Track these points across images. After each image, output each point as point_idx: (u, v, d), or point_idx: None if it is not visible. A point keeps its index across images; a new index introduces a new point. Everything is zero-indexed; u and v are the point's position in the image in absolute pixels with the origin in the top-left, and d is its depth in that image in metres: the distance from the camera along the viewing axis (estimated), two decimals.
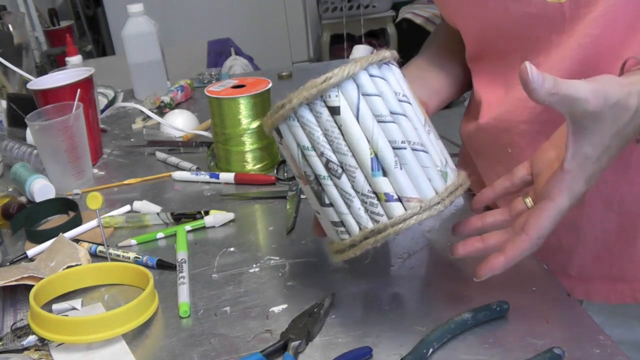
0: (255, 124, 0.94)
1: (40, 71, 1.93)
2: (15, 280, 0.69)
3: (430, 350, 0.55)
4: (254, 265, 0.73)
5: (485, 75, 0.72)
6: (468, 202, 0.76)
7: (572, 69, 0.61)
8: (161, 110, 1.27)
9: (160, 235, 0.81)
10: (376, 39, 3.39)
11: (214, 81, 1.45)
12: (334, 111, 0.54)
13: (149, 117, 1.21)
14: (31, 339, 0.63)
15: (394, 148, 0.54)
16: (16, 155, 1.05)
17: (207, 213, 0.84)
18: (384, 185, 0.54)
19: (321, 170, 0.55)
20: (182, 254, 0.75)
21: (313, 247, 0.75)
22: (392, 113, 0.54)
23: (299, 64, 3.04)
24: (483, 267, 0.55)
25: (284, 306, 0.65)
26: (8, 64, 1.24)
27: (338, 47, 3.35)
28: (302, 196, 0.87)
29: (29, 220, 0.88)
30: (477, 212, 0.63)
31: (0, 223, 0.89)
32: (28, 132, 1.10)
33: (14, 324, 0.67)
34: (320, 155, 0.55)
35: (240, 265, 0.74)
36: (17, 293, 0.72)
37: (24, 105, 1.11)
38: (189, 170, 0.99)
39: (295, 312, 0.63)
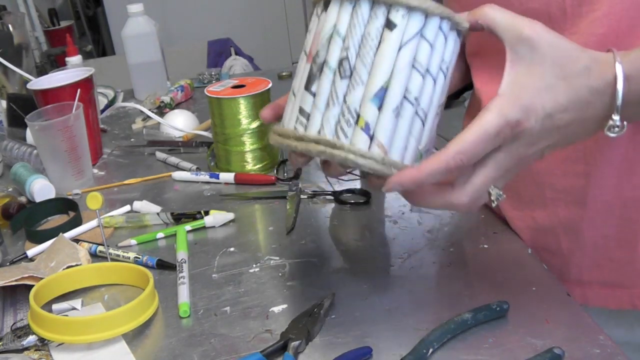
0: (255, 124, 0.94)
1: (40, 71, 1.93)
2: (15, 280, 0.69)
3: (430, 350, 0.55)
4: (254, 265, 0.73)
5: (484, 71, 0.72)
6: None
7: None
8: (161, 110, 1.27)
9: (160, 235, 0.81)
10: None
11: (214, 81, 1.45)
12: (389, 25, 0.51)
13: (149, 117, 1.21)
14: (31, 339, 0.63)
15: (404, 97, 0.52)
16: (16, 155, 1.05)
17: (207, 213, 0.84)
18: (371, 115, 0.52)
19: (333, 61, 0.53)
20: (182, 254, 0.75)
21: (313, 247, 0.75)
22: (427, 69, 0.53)
23: None
24: (393, 176, 0.51)
25: (284, 306, 0.65)
26: (8, 64, 1.24)
27: None
28: (302, 196, 0.87)
29: (29, 220, 0.88)
30: None
31: (0, 223, 0.89)
32: (28, 132, 1.10)
33: (14, 324, 0.67)
34: (345, 48, 0.52)
35: (240, 265, 0.74)
36: (17, 293, 0.72)
37: (24, 105, 1.11)
38: (189, 170, 0.99)
39: (295, 312, 0.63)
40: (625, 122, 0.51)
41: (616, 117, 0.50)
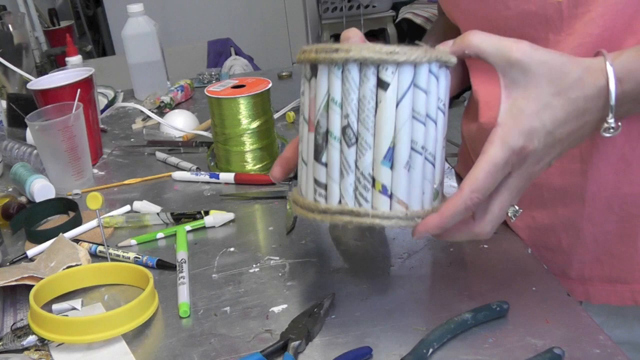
0: (255, 124, 0.94)
1: (40, 71, 1.93)
2: (15, 280, 0.69)
3: (430, 350, 0.55)
4: (254, 265, 0.73)
5: (482, 72, 0.72)
6: None
7: None
8: (161, 110, 1.27)
9: (160, 235, 0.81)
10: (376, 39, 3.40)
11: (214, 81, 1.45)
12: (382, 85, 0.51)
13: (149, 117, 1.21)
14: (31, 339, 0.63)
15: (412, 148, 0.53)
16: (16, 155, 1.05)
17: (207, 213, 0.84)
18: (385, 176, 0.53)
19: (336, 130, 0.53)
20: (182, 254, 0.75)
21: (313, 247, 0.75)
22: (427, 115, 0.53)
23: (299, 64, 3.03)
24: (419, 225, 0.54)
25: (284, 306, 0.65)
26: (8, 64, 1.24)
27: None
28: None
29: (29, 220, 0.88)
30: None
31: (0, 223, 0.89)
32: (28, 132, 1.10)
33: (14, 324, 0.67)
34: (345, 116, 0.53)
35: (240, 265, 0.74)
36: (17, 293, 0.72)
37: (24, 105, 1.11)
38: (189, 170, 0.99)
39: (295, 312, 0.63)
40: (619, 123, 0.52)
41: (611, 120, 0.52)
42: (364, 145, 0.53)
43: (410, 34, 3.27)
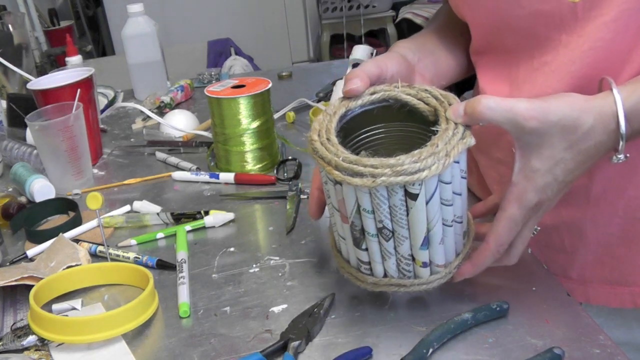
0: (255, 124, 0.94)
1: (40, 71, 1.93)
2: (15, 280, 0.69)
3: (430, 350, 0.55)
4: (254, 265, 0.73)
5: (490, 70, 0.72)
6: None
7: (582, 71, 0.61)
8: (161, 110, 1.27)
9: (160, 235, 0.81)
10: (376, 39, 3.39)
11: (214, 81, 1.45)
12: (411, 197, 0.53)
13: (149, 117, 1.21)
14: (31, 339, 0.63)
15: (443, 225, 0.56)
16: (16, 155, 1.05)
17: (207, 213, 0.84)
18: (424, 256, 0.57)
19: (372, 230, 0.56)
20: (182, 254, 0.75)
21: (313, 247, 0.75)
22: (452, 195, 0.55)
23: (299, 64, 3.04)
24: (456, 274, 0.60)
25: (284, 306, 0.65)
26: (8, 64, 1.24)
27: (338, 47, 3.34)
28: (302, 196, 0.87)
29: (29, 220, 0.88)
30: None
31: (0, 223, 0.89)
32: (28, 132, 1.10)
33: (14, 324, 0.67)
34: (379, 221, 0.55)
35: (240, 265, 0.74)
36: (17, 293, 0.72)
37: (24, 105, 1.11)
38: (189, 170, 0.99)
39: (295, 312, 0.63)
40: (627, 154, 0.55)
41: (620, 155, 0.54)
42: (400, 238, 0.56)
43: (410, 34, 3.24)
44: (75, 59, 1.37)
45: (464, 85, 0.88)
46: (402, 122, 0.61)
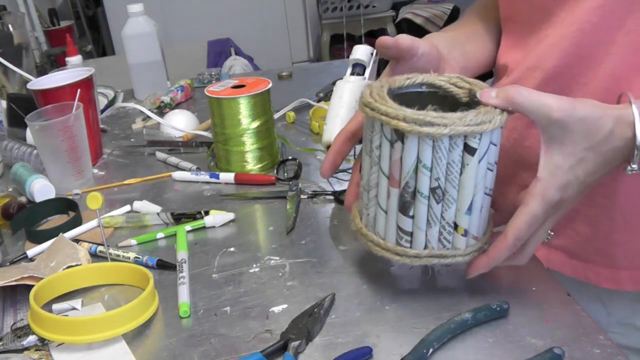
0: (255, 124, 0.94)
1: (40, 71, 1.93)
2: (15, 280, 0.69)
3: (430, 350, 0.55)
4: (254, 265, 0.73)
5: (511, 35, 0.76)
6: None
7: (570, 49, 0.65)
8: (161, 110, 1.27)
9: (160, 235, 0.81)
10: (376, 39, 3.39)
11: (214, 81, 1.45)
12: (469, 151, 0.55)
13: (149, 117, 1.21)
14: (31, 339, 0.63)
15: (484, 193, 0.58)
16: (16, 155, 1.05)
17: (207, 213, 0.84)
18: (466, 222, 0.58)
19: (425, 189, 0.57)
20: (182, 254, 0.75)
21: (313, 247, 0.75)
22: (495, 163, 0.58)
23: (299, 64, 3.04)
24: (470, 266, 0.61)
25: (284, 306, 0.65)
26: (8, 64, 1.24)
27: (338, 47, 3.34)
28: (302, 196, 0.87)
29: (29, 220, 0.88)
30: None
31: (0, 223, 0.89)
32: (28, 132, 1.10)
33: (14, 324, 0.67)
34: (435, 178, 0.56)
35: (240, 265, 0.74)
36: (17, 293, 0.72)
37: (24, 105, 1.11)
38: (189, 170, 0.99)
39: (295, 312, 0.63)
40: None
41: (635, 165, 0.57)
42: (449, 200, 0.57)
43: (410, 34, 3.25)
44: (75, 59, 1.37)
45: (484, 76, 0.90)
46: (435, 106, 0.62)
